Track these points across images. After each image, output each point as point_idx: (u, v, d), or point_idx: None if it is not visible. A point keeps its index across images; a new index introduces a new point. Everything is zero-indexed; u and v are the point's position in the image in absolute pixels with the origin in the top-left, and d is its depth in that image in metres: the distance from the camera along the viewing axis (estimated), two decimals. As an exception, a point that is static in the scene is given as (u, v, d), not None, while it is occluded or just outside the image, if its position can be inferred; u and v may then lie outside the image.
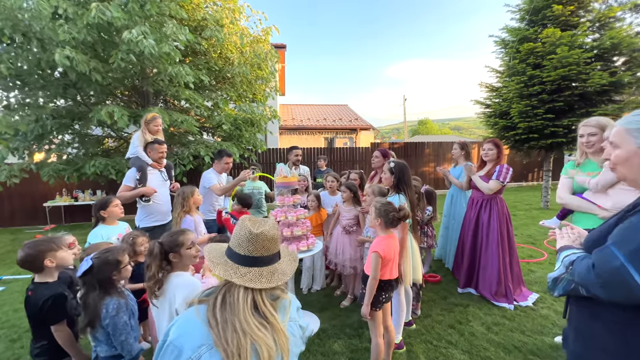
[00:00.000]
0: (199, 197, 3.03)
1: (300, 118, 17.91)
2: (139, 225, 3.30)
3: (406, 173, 2.63)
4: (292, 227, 2.89)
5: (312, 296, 3.72)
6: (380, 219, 2.16)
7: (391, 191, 2.70)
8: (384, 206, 2.17)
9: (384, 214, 2.15)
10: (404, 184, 2.59)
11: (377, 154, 3.77)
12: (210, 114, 6.60)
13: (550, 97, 6.93)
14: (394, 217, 2.14)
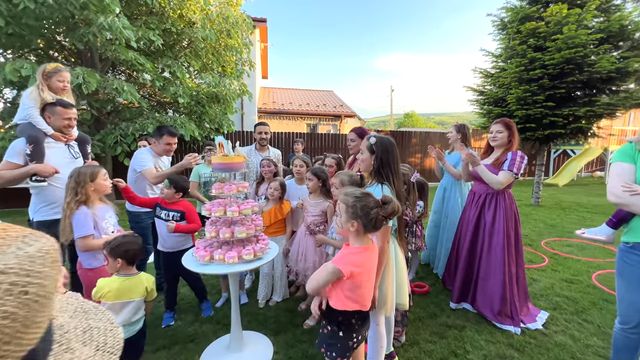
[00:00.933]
0: (104, 182, 2.15)
1: (282, 102, 16.89)
2: (34, 219, 2.40)
3: (392, 153, 1.87)
4: (234, 226, 2.07)
5: (269, 311, 2.95)
6: (356, 220, 1.39)
7: (371, 179, 1.93)
8: (361, 200, 1.40)
9: (362, 213, 1.39)
10: (388, 169, 1.83)
11: (353, 135, 3.02)
12: (165, 85, 5.57)
13: (551, 83, 6.38)
14: (377, 215, 1.37)
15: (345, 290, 1.41)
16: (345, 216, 1.44)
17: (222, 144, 2.09)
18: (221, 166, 2.08)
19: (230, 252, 2.00)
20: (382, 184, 1.85)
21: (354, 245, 1.44)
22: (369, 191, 1.45)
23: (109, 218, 2.18)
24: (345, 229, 1.46)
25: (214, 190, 2.11)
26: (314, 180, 2.78)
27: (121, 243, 1.83)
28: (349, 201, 1.42)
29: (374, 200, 1.40)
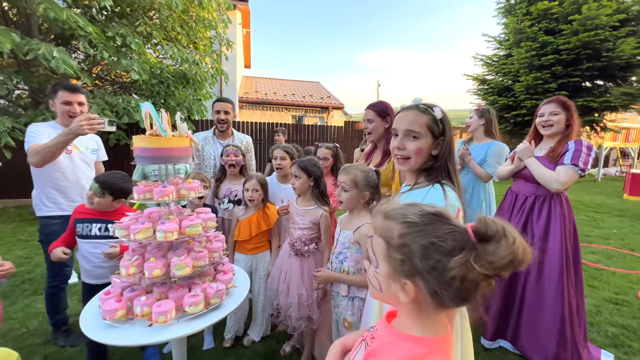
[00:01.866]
0: None
1: (265, 91, 15.89)
2: None
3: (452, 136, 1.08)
4: (173, 255, 1.23)
5: (241, 356, 2.13)
6: (414, 280, 0.60)
7: (414, 178, 1.13)
8: (424, 231, 0.61)
9: (427, 265, 0.58)
10: (450, 160, 1.13)
11: (371, 114, 2.12)
12: (116, 56, 4.53)
13: (564, 71, 5.87)
14: (467, 271, 0.56)
15: None
16: (388, 267, 0.64)
17: (149, 114, 1.23)
18: (148, 153, 1.23)
19: (163, 301, 1.16)
20: (441, 185, 1.06)
21: (410, 331, 0.64)
22: (440, 210, 0.63)
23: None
24: (390, 296, 0.66)
25: (136, 196, 1.24)
26: (303, 178, 1.96)
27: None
28: (396, 232, 0.62)
29: (454, 234, 0.59)
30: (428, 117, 1.07)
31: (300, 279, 1.91)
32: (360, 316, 1.56)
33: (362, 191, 1.53)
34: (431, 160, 1.11)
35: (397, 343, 0.64)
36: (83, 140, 2.17)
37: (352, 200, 1.55)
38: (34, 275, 3.31)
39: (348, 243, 1.56)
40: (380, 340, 0.69)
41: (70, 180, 2.11)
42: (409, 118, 1.09)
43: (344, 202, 1.58)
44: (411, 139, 1.10)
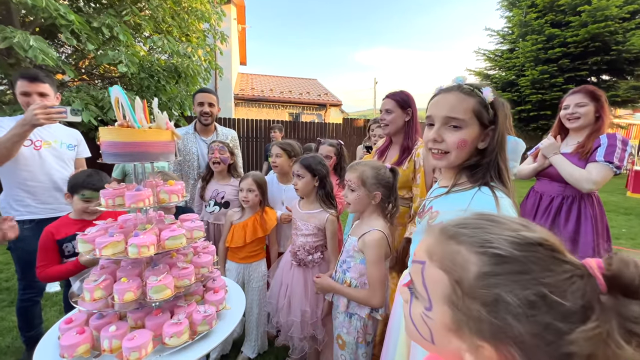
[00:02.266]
0: None
1: (262, 88, 15.61)
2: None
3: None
4: (150, 274, 0.99)
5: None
6: (495, 344, 0.35)
7: (455, 177, 0.91)
8: (544, 269, 0.36)
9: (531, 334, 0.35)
10: (502, 155, 0.89)
11: (390, 104, 1.86)
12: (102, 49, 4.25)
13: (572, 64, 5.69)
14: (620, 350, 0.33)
15: None
16: (452, 316, 0.41)
17: (118, 100, 0.99)
18: (117, 148, 0.99)
19: (137, 332, 0.93)
20: (490, 189, 0.85)
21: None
22: (545, 239, 0.38)
23: None
24: (446, 353, 0.45)
25: (103, 201, 1.01)
26: (306, 178, 1.73)
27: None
28: (474, 267, 0.38)
29: (575, 279, 0.34)
30: (475, 100, 0.84)
31: (304, 294, 1.68)
32: (357, 337, 1.35)
33: (371, 191, 1.32)
34: (477, 155, 0.89)
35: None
36: (56, 134, 1.95)
37: (360, 201, 1.33)
38: (12, 284, 3.05)
39: (352, 251, 1.35)
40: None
41: (39, 179, 1.86)
42: (450, 102, 0.86)
43: (352, 204, 1.36)
44: (451, 129, 0.87)
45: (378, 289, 1.26)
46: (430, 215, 0.99)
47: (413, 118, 1.87)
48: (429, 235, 0.47)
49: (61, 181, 1.93)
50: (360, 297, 1.30)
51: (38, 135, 1.86)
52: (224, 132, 2.56)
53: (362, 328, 1.33)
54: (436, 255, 0.43)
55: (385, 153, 1.99)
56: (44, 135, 1.89)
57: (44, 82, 1.81)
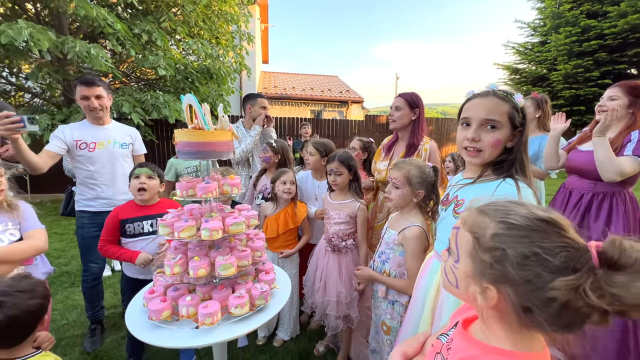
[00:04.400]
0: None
1: (284, 86, 15.86)
2: None
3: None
4: (216, 254, 1.18)
5: (275, 355, 2.10)
6: (505, 289, 0.51)
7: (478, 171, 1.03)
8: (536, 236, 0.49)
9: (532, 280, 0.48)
10: (523, 152, 1.02)
11: (400, 102, 2.06)
12: (143, 54, 4.59)
13: (609, 57, 5.42)
14: (580, 296, 0.45)
15: None
16: (471, 265, 0.56)
17: (191, 106, 1.17)
18: (190, 147, 1.18)
19: (209, 302, 1.12)
20: (514, 180, 0.96)
21: (498, 344, 0.56)
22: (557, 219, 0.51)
23: (2, 228, 1.34)
24: (466, 296, 0.60)
25: (179, 192, 1.20)
26: (345, 174, 1.87)
27: None
28: (490, 230, 0.54)
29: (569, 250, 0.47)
30: (509, 104, 0.96)
31: (338, 276, 1.84)
32: (400, 322, 1.47)
33: (415, 189, 1.42)
34: (504, 153, 1.00)
35: (485, 358, 0.56)
36: (111, 134, 2.13)
37: (403, 198, 1.45)
38: (71, 268, 3.42)
39: (392, 243, 1.47)
40: (461, 354, 0.61)
41: (95, 177, 2.10)
42: (488, 106, 0.98)
43: (394, 200, 1.47)
44: (488, 130, 0.98)
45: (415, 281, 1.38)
46: (456, 203, 1.10)
47: (420, 117, 2.04)
48: (466, 210, 0.61)
49: (115, 177, 2.14)
50: (400, 286, 1.41)
51: (94, 137, 2.07)
52: (267, 131, 2.77)
53: (405, 313, 1.44)
54: (468, 223, 0.58)
55: (392, 148, 2.15)
56: (100, 137, 2.08)
57: (99, 85, 2.01)
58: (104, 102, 2.05)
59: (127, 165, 2.24)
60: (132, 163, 2.27)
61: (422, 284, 1.19)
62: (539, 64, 6.58)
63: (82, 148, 2.04)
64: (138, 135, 2.33)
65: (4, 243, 1.36)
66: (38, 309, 1.03)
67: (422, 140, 2.03)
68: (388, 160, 2.12)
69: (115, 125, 2.21)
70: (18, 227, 1.46)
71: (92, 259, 2.22)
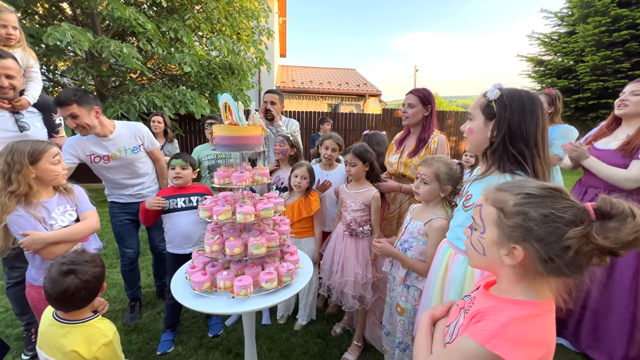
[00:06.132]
0: (52, 166, 1.55)
1: (301, 80, 15.95)
2: None
3: (535, 116, 1.10)
4: (249, 236, 1.35)
5: (294, 336, 2.29)
6: (524, 245, 0.67)
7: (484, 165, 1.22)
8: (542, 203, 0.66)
9: (543, 232, 0.64)
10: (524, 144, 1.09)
11: (413, 99, 2.13)
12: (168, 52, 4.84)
13: (640, 47, 5.18)
14: (582, 243, 0.61)
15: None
16: (497, 232, 0.70)
17: (228, 105, 1.33)
18: (227, 141, 1.34)
19: (243, 277, 1.29)
20: (511, 174, 1.06)
21: (515, 296, 0.70)
22: (560, 187, 0.68)
23: (62, 210, 1.55)
24: (492, 260, 0.73)
25: (217, 180, 1.37)
26: (358, 165, 2.00)
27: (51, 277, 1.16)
28: (511, 201, 0.69)
29: (574, 209, 0.63)
30: (483, 99, 1.13)
31: (355, 259, 1.98)
32: (415, 305, 1.58)
33: (443, 185, 1.52)
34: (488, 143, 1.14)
35: (503, 306, 0.70)
36: (119, 143, 2.15)
37: (431, 194, 1.54)
38: (107, 251, 3.74)
39: (417, 233, 1.57)
40: (482, 305, 0.75)
41: (119, 182, 2.28)
42: (472, 103, 1.20)
43: (422, 195, 1.57)
44: (468, 121, 1.20)
45: None
46: (466, 197, 1.22)
47: (432, 113, 2.11)
48: (486, 191, 0.76)
49: (137, 176, 2.31)
50: (419, 267, 1.52)
51: (105, 150, 2.11)
52: (287, 121, 2.86)
53: (419, 296, 1.55)
54: (490, 199, 0.73)
55: (403, 142, 2.23)
56: (110, 149, 2.12)
57: (69, 104, 1.83)
58: (81, 121, 1.89)
59: (147, 163, 2.37)
60: (150, 161, 2.41)
61: (435, 263, 1.32)
62: (565, 55, 6.33)
63: (97, 161, 2.12)
64: (145, 130, 2.28)
65: (65, 223, 1.58)
66: (101, 275, 1.23)
67: (432, 133, 2.11)
68: (399, 153, 2.21)
69: (120, 132, 2.16)
70: (75, 208, 1.67)
71: (126, 245, 2.45)
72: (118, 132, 2.15)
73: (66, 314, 1.18)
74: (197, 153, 2.80)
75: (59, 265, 1.15)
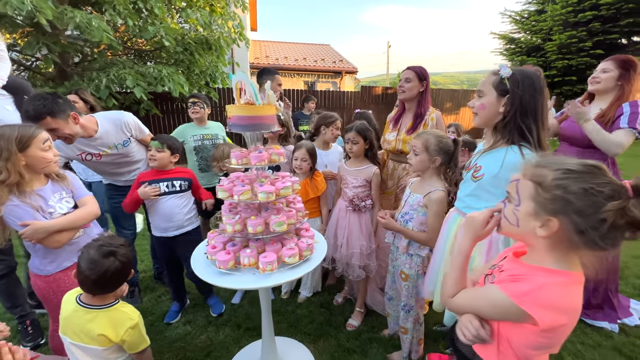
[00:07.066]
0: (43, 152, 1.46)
1: (276, 56, 15.38)
2: None
3: (542, 94, 1.20)
4: (268, 214, 1.38)
5: (299, 308, 2.41)
6: (561, 218, 0.72)
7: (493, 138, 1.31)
8: (581, 178, 0.70)
9: (581, 206, 0.69)
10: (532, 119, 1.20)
11: (410, 74, 2.18)
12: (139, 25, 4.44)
13: (602, 27, 5.52)
14: (617, 217, 0.66)
15: (530, 342, 0.78)
16: (533, 205, 0.75)
17: (242, 84, 1.30)
18: (243, 121, 1.33)
19: (267, 253, 1.33)
20: (518, 146, 1.16)
21: (546, 265, 0.77)
22: (599, 164, 0.73)
23: (58, 197, 1.49)
24: (525, 231, 0.79)
25: (235, 161, 1.36)
26: (360, 143, 2.05)
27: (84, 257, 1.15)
28: (550, 176, 0.73)
29: (612, 185, 0.68)
30: (495, 76, 1.21)
31: (360, 232, 2.09)
32: (418, 270, 1.72)
33: (432, 156, 1.61)
34: (500, 118, 1.23)
35: (535, 272, 0.77)
36: (109, 140, 2.05)
37: (421, 164, 1.64)
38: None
39: (417, 205, 1.67)
40: (512, 272, 0.82)
41: (112, 174, 2.26)
42: (481, 80, 1.28)
43: (414, 165, 1.67)
44: (478, 98, 1.28)
45: (435, 235, 1.59)
46: (475, 169, 1.32)
47: (426, 89, 2.20)
48: (524, 166, 0.80)
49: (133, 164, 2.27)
50: (422, 238, 1.64)
51: (94, 149, 2.02)
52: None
53: (421, 263, 1.71)
54: (528, 174, 0.77)
55: (399, 120, 2.30)
56: (99, 147, 2.03)
57: (42, 117, 1.62)
58: (61, 133, 1.72)
59: (140, 150, 2.31)
60: (143, 146, 2.33)
61: (444, 231, 1.43)
62: (535, 33, 6.62)
63: (89, 159, 2.05)
64: (130, 120, 2.14)
65: (63, 210, 1.51)
66: (133, 259, 1.23)
67: (428, 110, 2.20)
68: (396, 131, 2.28)
69: (106, 129, 2.01)
70: (71, 195, 1.60)
71: (124, 226, 2.41)
72: (103, 129, 2.01)
73: (93, 298, 1.17)
74: (182, 133, 2.67)
75: (98, 247, 1.14)
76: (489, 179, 1.23)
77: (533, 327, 0.74)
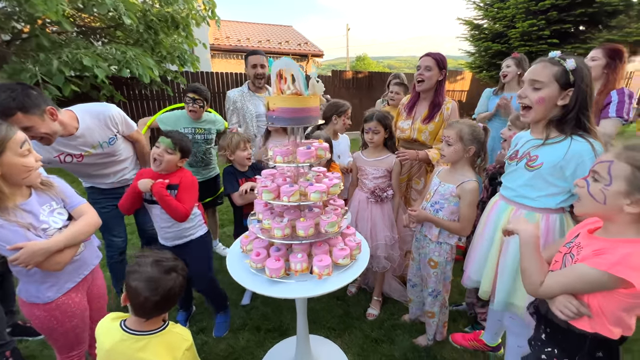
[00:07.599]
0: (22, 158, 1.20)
1: (237, 37, 14.47)
2: None
3: (592, 88, 1.20)
4: (314, 215, 1.28)
5: (313, 301, 2.35)
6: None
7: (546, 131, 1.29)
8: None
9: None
10: (587, 113, 1.20)
11: (429, 61, 2.06)
12: None
13: (558, 16, 5.95)
14: None
15: (622, 304, 0.86)
16: (624, 186, 0.83)
17: (283, 73, 1.14)
18: (289, 114, 1.18)
19: (321, 257, 1.23)
20: (581, 137, 1.17)
21: (632, 236, 0.86)
22: None
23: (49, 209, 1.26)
24: (610, 208, 0.86)
25: (280, 158, 1.22)
26: (381, 132, 1.99)
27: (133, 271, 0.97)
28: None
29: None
30: (557, 67, 1.16)
31: (383, 223, 2.06)
32: (446, 258, 1.76)
33: (467, 145, 1.60)
34: (559, 111, 1.21)
35: (618, 244, 0.84)
36: (93, 139, 1.77)
37: (456, 154, 1.62)
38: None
39: (448, 195, 1.66)
40: (592, 247, 0.89)
41: (97, 176, 1.96)
42: (535, 69, 1.21)
43: (447, 156, 1.64)
44: (533, 90, 1.21)
45: (469, 224, 1.62)
46: (529, 158, 1.32)
47: (444, 78, 2.12)
48: (616, 150, 0.85)
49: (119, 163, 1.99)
50: (454, 227, 1.64)
51: (78, 149, 1.75)
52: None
53: (450, 251, 1.74)
54: (623, 157, 0.83)
55: (414, 108, 2.22)
56: (82, 147, 1.76)
57: (12, 114, 1.36)
58: (37, 132, 1.46)
59: (127, 147, 2.02)
60: (129, 143, 2.05)
61: (491, 219, 1.43)
62: (499, 21, 6.97)
63: (68, 161, 1.75)
64: (116, 115, 1.86)
65: (58, 224, 1.26)
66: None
67: (445, 99, 2.17)
68: (411, 119, 2.23)
69: (88, 125, 1.73)
70: (62, 204, 1.34)
71: (113, 233, 2.13)
72: (85, 125, 1.71)
73: (144, 323, 1.00)
74: (176, 121, 2.36)
75: (154, 264, 0.96)
76: (548, 169, 1.23)
77: (625, 291, 0.82)
